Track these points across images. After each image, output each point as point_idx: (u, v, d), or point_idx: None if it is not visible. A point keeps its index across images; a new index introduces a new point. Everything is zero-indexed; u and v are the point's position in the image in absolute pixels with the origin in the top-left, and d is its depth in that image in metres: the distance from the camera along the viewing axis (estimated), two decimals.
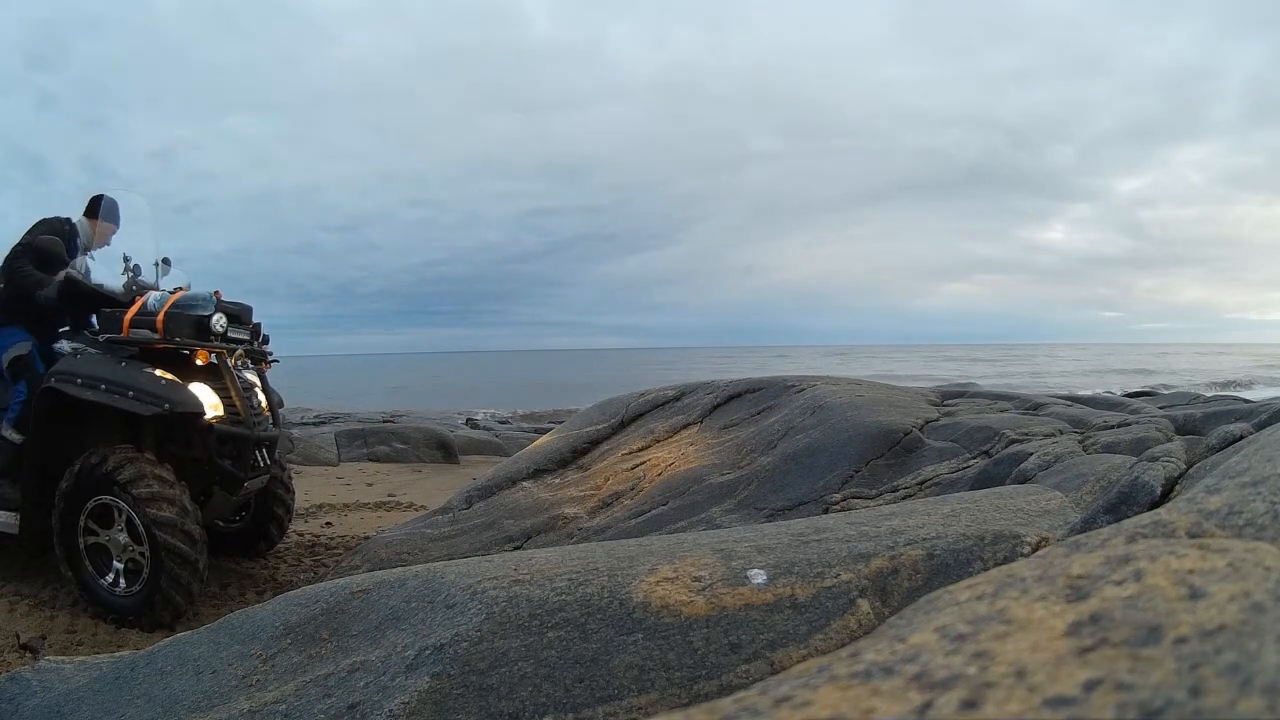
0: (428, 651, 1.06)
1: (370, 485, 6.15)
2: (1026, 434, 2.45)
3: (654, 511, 2.83)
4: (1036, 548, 1.13)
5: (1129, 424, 2.42)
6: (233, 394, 3.05)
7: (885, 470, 2.54)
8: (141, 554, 2.75)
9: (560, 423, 5.63)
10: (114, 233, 3.41)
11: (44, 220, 3.25)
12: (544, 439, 4.70)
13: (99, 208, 3.35)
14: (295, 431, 7.65)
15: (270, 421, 3.34)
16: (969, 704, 0.41)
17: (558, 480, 3.77)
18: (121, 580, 2.82)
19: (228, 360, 3.07)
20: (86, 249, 3.35)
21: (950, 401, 3.46)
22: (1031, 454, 2.05)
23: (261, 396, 3.33)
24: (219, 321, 3.03)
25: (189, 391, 2.88)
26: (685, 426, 3.86)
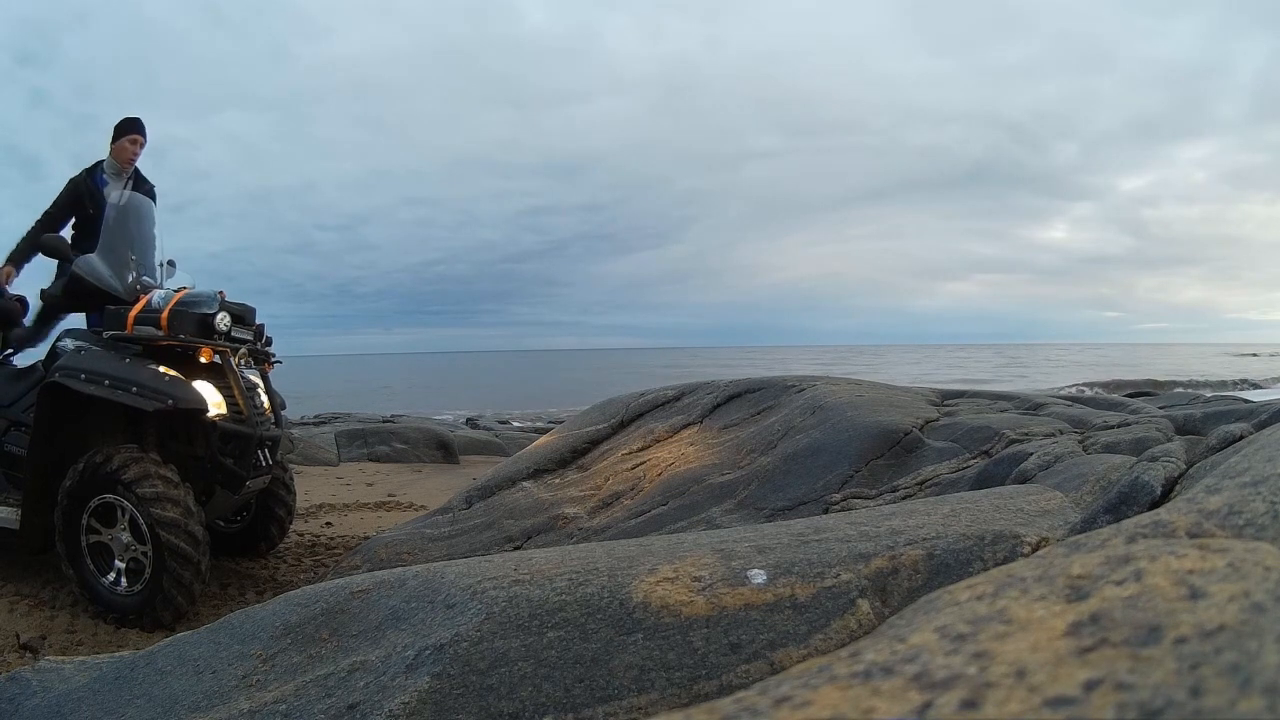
0: (428, 651, 1.06)
1: (370, 485, 6.14)
2: (1026, 434, 2.44)
3: (654, 511, 2.83)
4: (1036, 548, 1.12)
5: (1129, 424, 2.42)
6: (236, 392, 3.06)
7: (885, 470, 2.54)
8: (144, 554, 2.75)
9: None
10: (137, 145, 3.83)
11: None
12: (544, 439, 4.70)
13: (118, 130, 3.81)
14: (295, 431, 7.65)
15: (273, 421, 3.35)
16: (969, 704, 0.41)
17: (558, 480, 3.77)
18: (123, 580, 2.82)
19: (231, 359, 3.08)
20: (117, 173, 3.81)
21: (950, 401, 3.46)
22: (1031, 454, 2.05)
23: (264, 397, 3.34)
24: (223, 320, 3.04)
25: (193, 388, 2.88)
26: (685, 426, 3.85)
